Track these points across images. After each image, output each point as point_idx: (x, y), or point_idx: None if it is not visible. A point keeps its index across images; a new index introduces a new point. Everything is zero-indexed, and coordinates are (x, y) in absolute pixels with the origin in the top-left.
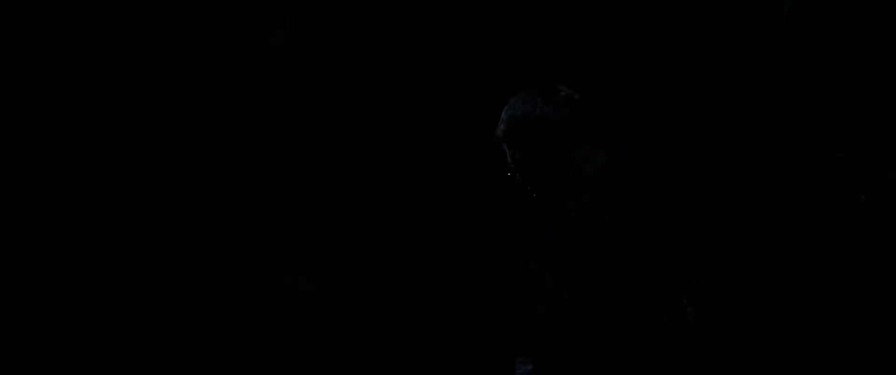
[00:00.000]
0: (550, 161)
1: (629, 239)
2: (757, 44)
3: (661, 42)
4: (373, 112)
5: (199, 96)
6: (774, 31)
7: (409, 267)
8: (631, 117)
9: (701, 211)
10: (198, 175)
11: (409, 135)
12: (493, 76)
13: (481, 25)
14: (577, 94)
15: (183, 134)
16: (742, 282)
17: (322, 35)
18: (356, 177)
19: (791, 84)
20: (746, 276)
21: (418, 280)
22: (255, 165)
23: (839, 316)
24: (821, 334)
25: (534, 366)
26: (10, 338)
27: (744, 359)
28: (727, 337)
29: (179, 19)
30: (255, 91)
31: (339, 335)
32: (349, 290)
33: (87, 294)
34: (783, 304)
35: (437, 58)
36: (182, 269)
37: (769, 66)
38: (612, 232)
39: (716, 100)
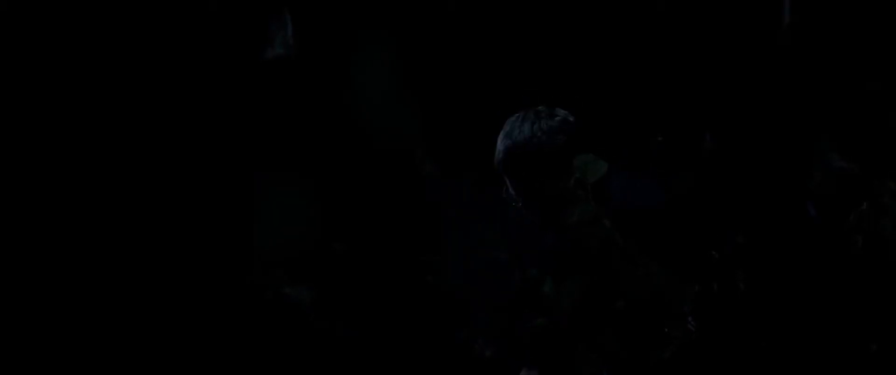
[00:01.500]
0: (550, 185)
1: (629, 246)
2: (757, 49)
3: (660, 44)
4: (373, 119)
5: (197, 105)
6: (775, 36)
7: (408, 275)
8: (629, 124)
9: (702, 220)
10: (196, 185)
11: (408, 142)
12: (495, 78)
13: (482, 27)
14: (572, 116)
15: (181, 142)
16: (744, 291)
17: (322, 43)
18: (356, 187)
19: (792, 90)
20: (748, 285)
21: (418, 287)
22: (254, 174)
23: (840, 326)
24: (822, 343)
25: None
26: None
27: (745, 368)
28: (728, 346)
29: (177, 23)
30: (254, 99)
31: (338, 344)
32: (349, 299)
33: (81, 301)
34: (784, 313)
35: (437, 60)
36: (179, 281)
37: (770, 72)
38: (613, 239)
39: (715, 105)
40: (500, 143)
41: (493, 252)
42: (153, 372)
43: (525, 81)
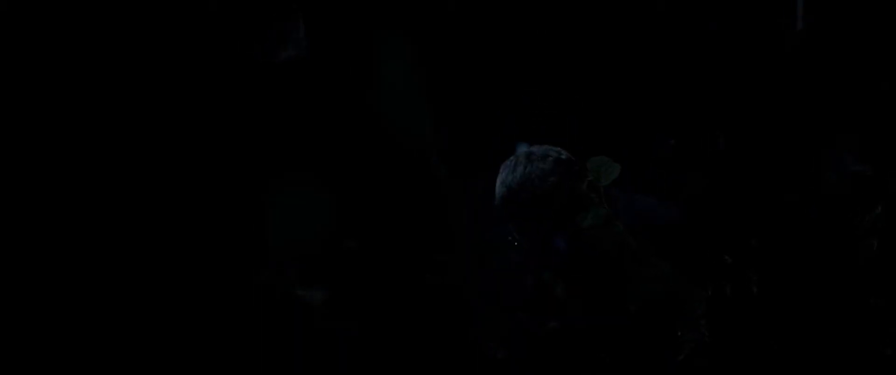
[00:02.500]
0: (548, 225)
1: (642, 249)
2: (770, 50)
3: (672, 46)
4: (387, 119)
5: (209, 104)
6: (787, 38)
7: (420, 275)
8: (638, 128)
9: (715, 222)
10: (207, 183)
11: (421, 142)
12: (497, 77)
13: (482, 26)
14: (564, 154)
15: (191, 141)
16: (757, 294)
17: (336, 43)
18: (369, 185)
19: (805, 92)
20: (761, 288)
21: (430, 288)
22: (266, 173)
23: (854, 330)
24: (835, 347)
25: None
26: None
27: (758, 372)
28: (741, 350)
29: (182, 22)
30: (267, 99)
31: (349, 344)
32: (361, 299)
33: (89, 303)
34: (797, 316)
35: (450, 61)
36: (188, 280)
37: (781, 75)
38: (625, 242)
39: (728, 107)
40: (497, 189)
41: (507, 253)
42: (161, 373)
43: (531, 84)
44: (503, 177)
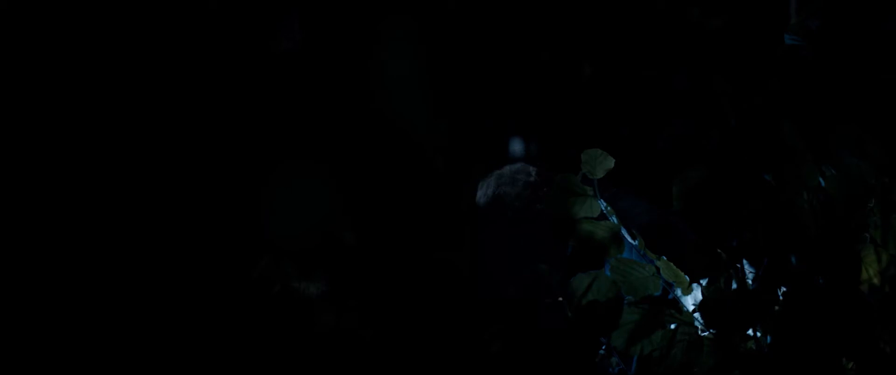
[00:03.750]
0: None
1: (637, 242)
2: (766, 42)
3: (661, 42)
4: (382, 115)
5: (206, 97)
6: (782, 30)
7: (417, 268)
8: (636, 121)
9: (710, 215)
10: (202, 180)
11: (417, 136)
12: (496, 76)
13: (481, 25)
14: (534, 174)
15: (190, 133)
16: (752, 289)
17: (332, 35)
18: (368, 178)
19: (804, 87)
20: (756, 282)
21: (426, 280)
22: (263, 169)
23: (850, 324)
24: (830, 341)
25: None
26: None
27: (752, 367)
28: (737, 345)
29: (181, 19)
30: (264, 91)
31: (347, 340)
32: (359, 294)
33: (86, 297)
34: (792, 310)
35: (439, 53)
36: (184, 274)
37: (779, 66)
38: (618, 236)
39: (723, 100)
40: (479, 193)
41: (506, 248)
42: (157, 368)
43: (530, 82)
44: (482, 192)
